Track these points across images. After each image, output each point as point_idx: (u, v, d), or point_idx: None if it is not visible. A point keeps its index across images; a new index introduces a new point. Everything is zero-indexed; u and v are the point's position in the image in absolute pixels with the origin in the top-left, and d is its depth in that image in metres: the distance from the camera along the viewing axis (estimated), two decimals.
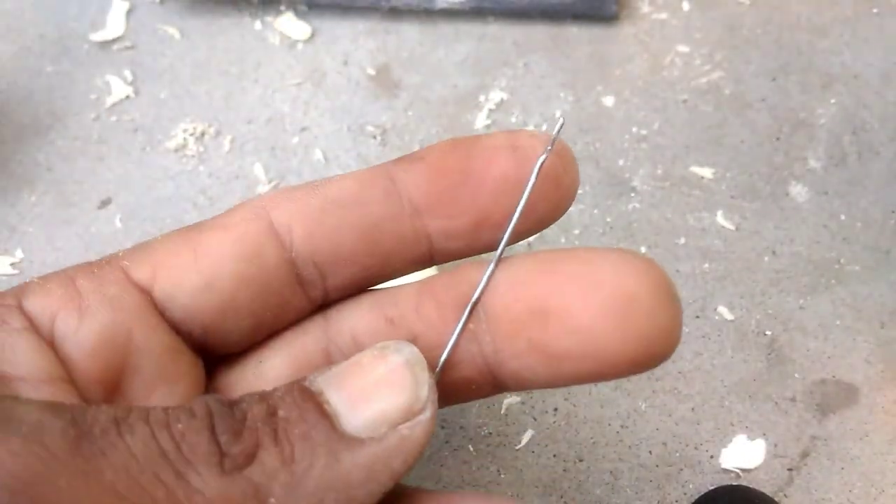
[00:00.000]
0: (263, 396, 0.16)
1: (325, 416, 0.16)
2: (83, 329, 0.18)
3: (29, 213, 0.40)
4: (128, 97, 0.43)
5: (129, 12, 0.46)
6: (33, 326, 0.17)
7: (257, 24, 0.45)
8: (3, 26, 0.46)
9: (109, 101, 0.43)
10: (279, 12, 0.46)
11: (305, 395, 0.16)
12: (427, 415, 0.17)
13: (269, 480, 0.15)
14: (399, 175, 0.19)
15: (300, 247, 0.19)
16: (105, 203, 0.41)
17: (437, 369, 0.19)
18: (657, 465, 0.34)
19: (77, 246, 0.40)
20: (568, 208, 0.20)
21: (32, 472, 0.13)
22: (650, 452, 0.35)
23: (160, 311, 0.19)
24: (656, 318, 0.17)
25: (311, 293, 0.20)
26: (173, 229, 0.20)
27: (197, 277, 0.18)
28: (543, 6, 0.44)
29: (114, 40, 0.45)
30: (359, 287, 0.20)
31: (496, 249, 0.19)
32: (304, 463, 0.15)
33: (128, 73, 0.44)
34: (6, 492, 0.13)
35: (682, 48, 0.44)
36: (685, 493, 0.34)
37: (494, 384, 0.20)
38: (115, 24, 0.45)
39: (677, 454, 0.35)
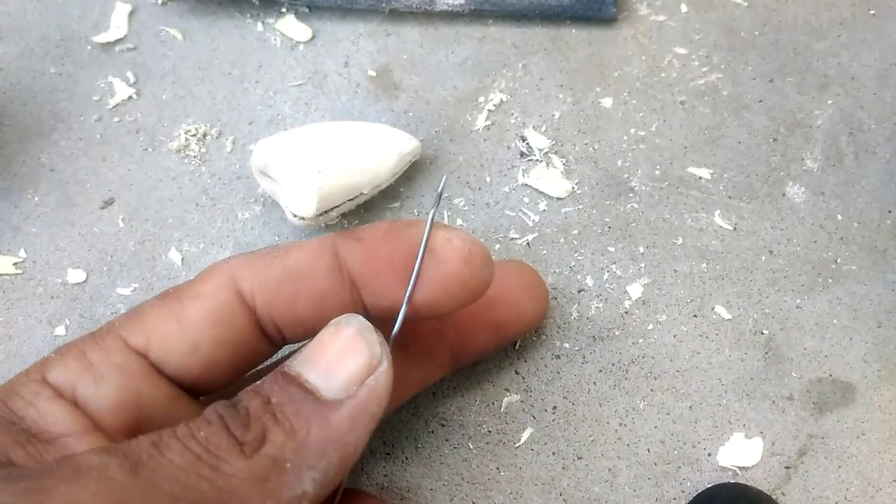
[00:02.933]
0: (256, 391, 0.21)
1: (308, 392, 0.20)
2: (101, 393, 0.22)
3: (32, 214, 0.41)
4: (130, 98, 0.44)
5: (132, 14, 0.46)
6: (59, 394, 0.21)
7: (259, 26, 0.46)
8: (5, 28, 0.46)
9: (112, 102, 0.44)
10: (280, 14, 0.46)
11: (288, 380, 0.21)
12: (384, 365, 0.21)
13: (281, 451, 0.19)
14: (341, 251, 0.24)
15: (262, 311, 0.24)
16: (108, 203, 0.41)
17: (394, 329, 0.23)
18: (655, 463, 0.35)
19: (80, 246, 0.40)
20: (481, 295, 0.25)
21: (115, 501, 0.17)
22: (648, 450, 0.35)
23: (157, 370, 0.23)
24: (545, 291, 0.34)
25: (274, 342, 0.25)
26: (161, 294, 0.24)
27: (183, 344, 0.23)
28: (542, 8, 0.45)
29: (116, 42, 0.45)
30: (311, 336, 0.24)
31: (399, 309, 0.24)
32: (303, 431, 0.20)
33: (130, 75, 0.44)
34: None
35: (680, 50, 0.44)
36: (683, 491, 0.34)
37: (454, 361, 0.31)
38: (117, 26, 0.46)
39: (675, 452, 0.35)
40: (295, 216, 0.37)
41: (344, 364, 0.21)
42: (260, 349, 0.25)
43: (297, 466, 0.19)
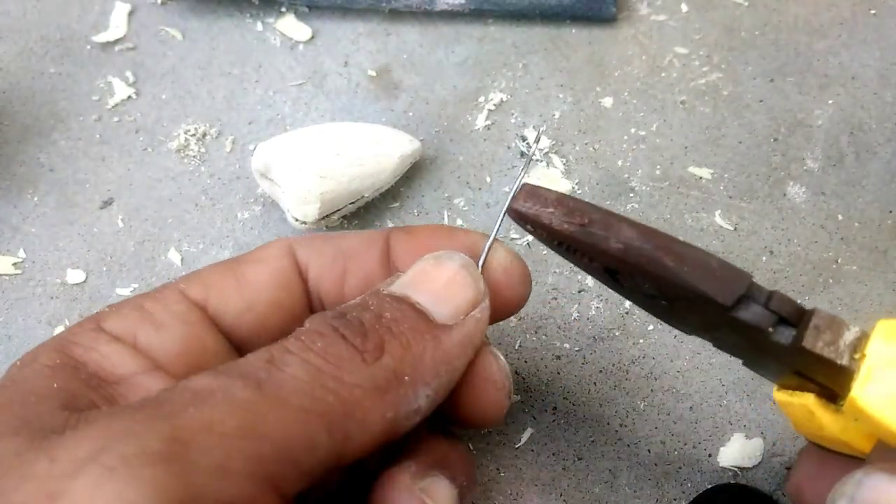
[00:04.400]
0: (364, 305, 0.21)
1: (421, 312, 0.21)
2: (162, 339, 0.22)
3: (31, 214, 0.41)
4: (130, 98, 0.44)
5: (131, 13, 0.46)
6: (118, 339, 0.21)
7: (258, 26, 0.46)
8: (5, 27, 0.46)
9: (111, 101, 0.43)
10: (280, 14, 0.46)
11: (397, 299, 0.21)
12: (486, 301, 0.23)
13: (399, 364, 0.19)
14: (393, 242, 0.25)
15: (312, 282, 0.24)
16: (107, 203, 0.41)
17: (481, 262, 0.24)
18: (656, 464, 0.35)
19: (79, 246, 0.40)
20: (517, 310, 0.26)
21: (250, 419, 0.17)
22: (649, 451, 0.35)
23: (214, 323, 0.23)
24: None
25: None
26: (219, 261, 0.24)
27: (240, 301, 0.23)
28: (542, 8, 0.44)
29: (116, 41, 0.45)
30: None
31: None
32: (419, 347, 0.20)
33: (129, 74, 0.44)
34: (237, 438, 0.16)
35: (681, 49, 0.44)
36: (683, 492, 0.34)
37: None
38: (116, 26, 0.45)
39: (676, 453, 0.35)
40: (296, 220, 0.37)
41: (453, 294, 0.22)
42: (304, 317, 0.24)
43: (413, 381, 0.20)
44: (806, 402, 0.23)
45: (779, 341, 0.21)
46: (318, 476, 0.18)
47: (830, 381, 0.22)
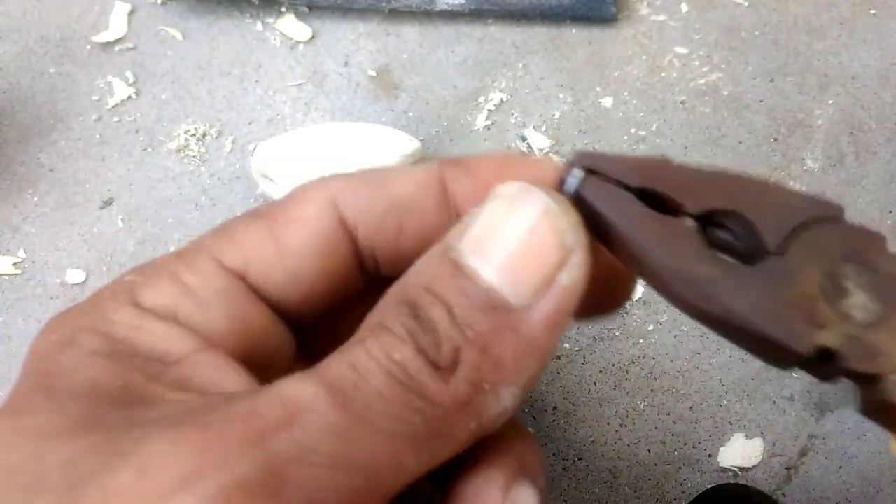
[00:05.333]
0: (431, 291, 0.18)
1: (493, 298, 0.17)
2: (206, 318, 0.19)
3: (31, 214, 0.41)
4: (129, 98, 0.44)
5: (131, 14, 0.46)
6: (162, 317, 0.19)
7: (258, 26, 0.46)
8: (5, 28, 0.46)
9: (111, 101, 0.43)
10: (280, 14, 0.46)
11: (465, 281, 0.18)
12: (579, 255, 0.18)
13: (477, 372, 0.17)
14: (450, 183, 0.21)
15: (364, 242, 0.21)
16: (107, 203, 0.41)
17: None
18: (656, 464, 0.35)
19: (79, 246, 0.40)
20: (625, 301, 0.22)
21: (342, 448, 0.15)
22: (649, 451, 0.35)
23: (255, 294, 0.21)
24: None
25: (370, 275, 0.22)
26: (248, 213, 0.21)
27: (283, 272, 0.21)
28: (542, 8, 0.44)
29: (116, 42, 0.45)
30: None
31: None
32: (497, 347, 0.17)
33: (129, 74, 0.44)
34: (329, 468, 0.15)
35: (681, 49, 0.44)
36: (683, 492, 0.34)
37: None
38: (116, 26, 0.45)
39: (676, 453, 0.35)
40: None
41: (531, 264, 0.18)
42: (356, 282, 0.22)
43: (494, 386, 0.18)
44: None
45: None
46: (398, 493, 0.17)
47: None
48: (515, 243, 0.18)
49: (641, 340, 0.37)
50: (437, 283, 0.18)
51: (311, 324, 0.22)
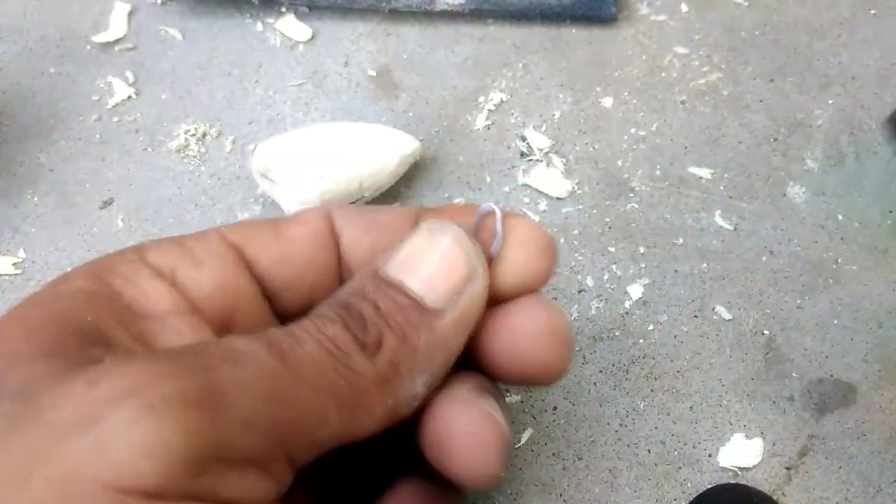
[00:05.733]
0: (362, 295, 0.21)
1: (413, 300, 0.21)
2: (200, 277, 0.22)
3: (31, 214, 0.41)
4: (129, 98, 0.44)
5: (131, 14, 0.46)
6: (159, 274, 0.22)
7: (258, 26, 0.46)
8: (5, 27, 0.46)
9: (111, 101, 0.43)
10: (280, 14, 0.46)
11: (391, 287, 0.21)
12: (480, 273, 0.22)
13: (396, 356, 0.20)
14: (422, 214, 0.25)
15: (344, 250, 0.25)
16: (107, 203, 0.41)
17: (498, 232, 0.23)
18: (656, 464, 0.35)
19: (79, 246, 0.40)
20: (543, 282, 0.24)
21: (275, 385, 0.18)
22: (649, 451, 0.35)
23: (249, 268, 0.23)
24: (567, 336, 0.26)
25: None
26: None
27: (277, 250, 0.24)
28: (542, 8, 0.44)
29: (115, 41, 0.45)
30: None
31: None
32: (413, 337, 0.21)
33: (129, 74, 0.44)
34: (263, 400, 0.17)
35: (681, 49, 0.44)
36: (683, 492, 0.34)
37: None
38: (116, 26, 0.45)
39: (676, 453, 0.35)
40: None
41: (445, 275, 0.22)
42: (332, 288, 0.25)
43: (410, 370, 0.21)
44: None
45: None
46: (324, 451, 0.19)
47: None
48: (433, 262, 0.22)
49: (641, 340, 0.37)
50: (366, 289, 0.21)
51: (290, 314, 0.24)
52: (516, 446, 0.35)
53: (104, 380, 0.16)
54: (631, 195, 0.40)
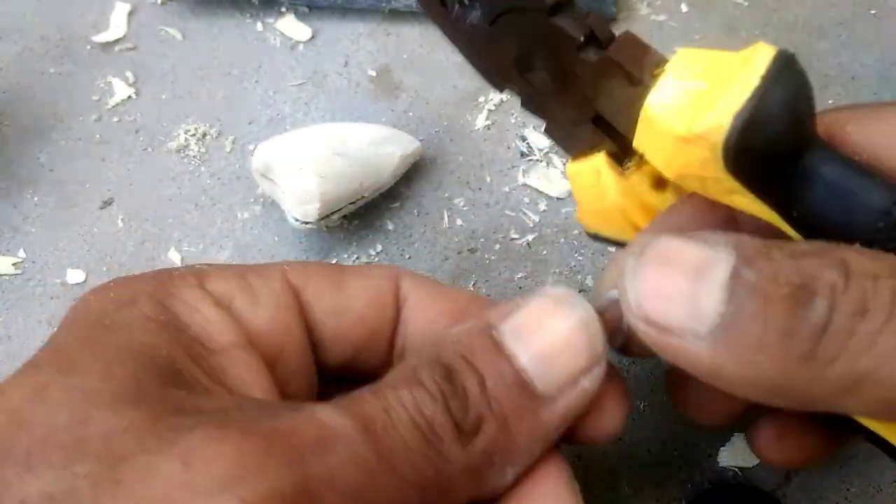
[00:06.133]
0: (469, 361, 0.19)
1: (524, 383, 0.19)
2: (258, 314, 0.21)
3: (31, 214, 0.41)
4: (129, 98, 0.44)
5: (131, 14, 0.46)
6: (219, 304, 0.20)
7: (258, 26, 0.46)
8: (5, 27, 0.46)
9: (111, 101, 0.43)
10: (280, 14, 0.46)
11: (501, 358, 0.19)
12: (602, 366, 0.20)
13: (492, 445, 0.18)
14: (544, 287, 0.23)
15: (406, 314, 0.24)
16: (107, 203, 0.41)
17: (624, 334, 0.20)
18: (656, 464, 0.35)
19: (79, 246, 0.40)
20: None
21: (365, 482, 0.16)
22: (649, 451, 0.35)
23: (303, 313, 0.22)
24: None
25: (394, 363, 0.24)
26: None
27: (335, 301, 0.22)
28: None
29: (116, 41, 0.45)
30: None
31: None
32: (516, 426, 0.18)
33: (129, 74, 0.44)
34: (354, 499, 0.16)
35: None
36: (683, 492, 0.34)
37: None
38: (116, 26, 0.45)
39: (676, 453, 0.35)
40: (297, 220, 0.37)
41: (564, 359, 0.19)
42: (382, 350, 0.23)
43: (503, 462, 0.19)
44: (596, 163, 0.24)
45: (587, 58, 0.22)
46: None
47: (626, 116, 0.22)
48: (554, 338, 0.19)
49: None
50: (474, 354, 0.19)
51: (330, 365, 0.23)
52: None
53: (199, 464, 0.15)
54: None
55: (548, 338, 0.19)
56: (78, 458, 0.15)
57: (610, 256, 0.39)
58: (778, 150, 0.19)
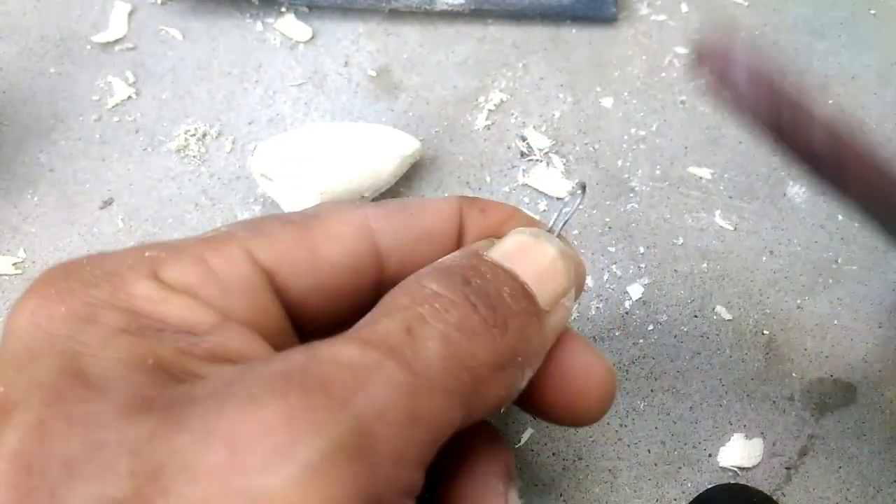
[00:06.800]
0: (479, 273, 0.20)
1: (530, 295, 0.20)
2: (227, 305, 0.19)
3: (31, 214, 0.41)
4: (129, 98, 0.44)
5: (131, 14, 0.46)
6: (183, 291, 0.18)
7: (258, 26, 0.46)
8: (5, 27, 0.46)
9: (111, 101, 0.43)
10: (280, 14, 0.46)
11: (508, 274, 0.20)
12: (573, 291, 0.22)
13: (517, 343, 0.19)
14: (465, 216, 0.23)
15: (393, 270, 0.22)
16: (107, 203, 0.41)
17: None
18: (656, 464, 0.35)
19: (79, 246, 0.40)
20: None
21: (412, 405, 0.16)
22: (649, 451, 0.35)
23: (279, 295, 0.21)
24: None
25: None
26: (279, 217, 0.22)
27: (312, 279, 0.21)
28: (543, 8, 0.44)
29: (116, 41, 0.45)
30: None
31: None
32: (530, 329, 0.20)
33: (129, 74, 0.44)
34: (407, 426, 0.16)
35: (681, 49, 0.44)
36: (683, 492, 0.34)
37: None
38: (116, 26, 0.45)
39: (676, 453, 0.35)
40: None
41: (553, 279, 0.21)
42: (368, 307, 0.21)
43: (523, 362, 0.19)
44: None
45: None
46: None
47: None
48: (543, 261, 0.21)
49: (641, 340, 0.37)
50: (481, 268, 0.20)
51: (309, 329, 0.22)
52: (517, 446, 0.35)
53: (244, 442, 0.14)
54: (631, 195, 0.40)
55: (538, 261, 0.21)
56: (111, 483, 0.14)
57: (610, 257, 0.39)
58: None
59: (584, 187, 0.25)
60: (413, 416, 0.16)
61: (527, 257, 0.21)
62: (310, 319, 0.21)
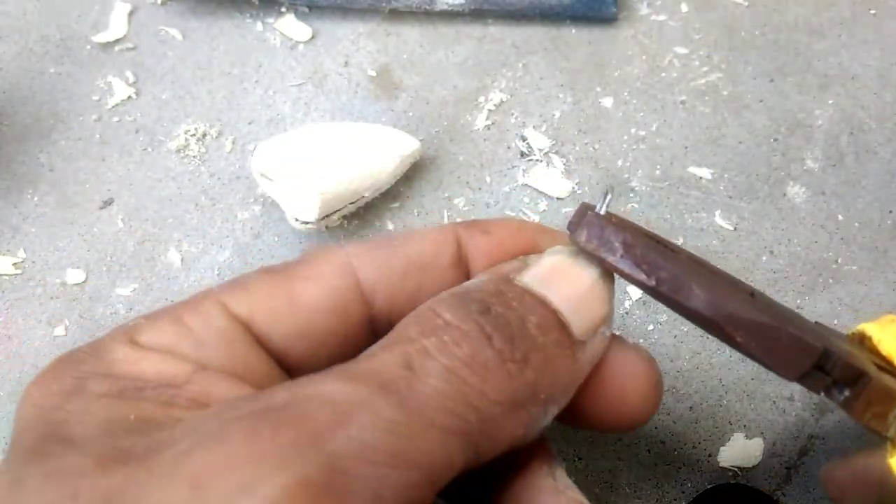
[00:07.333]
0: (503, 300, 0.18)
1: (563, 325, 0.19)
2: (202, 359, 0.19)
3: (31, 214, 0.41)
4: (129, 98, 0.44)
5: (131, 14, 0.46)
6: (160, 352, 0.19)
7: (258, 26, 0.46)
8: (5, 27, 0.46)
9: (111, 101, 0.43)
10: (280, 14, 0.46)
11: (541, 303, 0.19)
12: (610, 322, 0.20)
13: (539, 379, 0.18)
14: (465, 241, 0.22)
15: (381, 305, 0.21)
16: (107, 203, 0.41)
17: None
18: (655, 464, 0.35)
19: (79, 246, 0.40)
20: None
21: (400, 445, 0.15)
22: (648, 451, 0.35)
23: (259, 343, 0.20)
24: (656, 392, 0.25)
25: (380, 337, 0.21)
26: (262, 269, 0.21)
27: (293, 325, 0.20)
28: (542, 8, 0.44)
29: (116, 41, 0.45)
30: None
31: None
32: (558, 363, 0.18)
33: (130, 74, 0.44)
34: (389, 465, 0.15)
35: (681, 49, 0.44)
36: (683, 492, 0.34)
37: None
38: (116, 26, 0.45)
39: (675, 453, 0.35)
40: (297, 220, 0.37)
41: (591, 306, 0.19)
42: (365, 344, 0.21)
43: (547, 399, 0.18)
44: None
45: (834, 401, 0.23)
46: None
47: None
48: (581, 286, 0.20)
49: (641, 340, 0.37)
50: (505, 295, 0.18)
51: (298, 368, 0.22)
52: None
53: (207, 480, 0.14)
54: (631, 195, 0.40)
55: (575, 285, 0.20)
56: None
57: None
58: None
59: (609, 191, 0.23)
60: (398, 457, 0.15)
61: (562, 281, 0.19)
62: (301, 362, 0.21)
